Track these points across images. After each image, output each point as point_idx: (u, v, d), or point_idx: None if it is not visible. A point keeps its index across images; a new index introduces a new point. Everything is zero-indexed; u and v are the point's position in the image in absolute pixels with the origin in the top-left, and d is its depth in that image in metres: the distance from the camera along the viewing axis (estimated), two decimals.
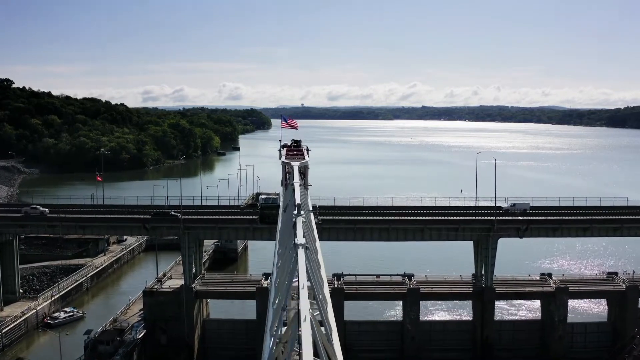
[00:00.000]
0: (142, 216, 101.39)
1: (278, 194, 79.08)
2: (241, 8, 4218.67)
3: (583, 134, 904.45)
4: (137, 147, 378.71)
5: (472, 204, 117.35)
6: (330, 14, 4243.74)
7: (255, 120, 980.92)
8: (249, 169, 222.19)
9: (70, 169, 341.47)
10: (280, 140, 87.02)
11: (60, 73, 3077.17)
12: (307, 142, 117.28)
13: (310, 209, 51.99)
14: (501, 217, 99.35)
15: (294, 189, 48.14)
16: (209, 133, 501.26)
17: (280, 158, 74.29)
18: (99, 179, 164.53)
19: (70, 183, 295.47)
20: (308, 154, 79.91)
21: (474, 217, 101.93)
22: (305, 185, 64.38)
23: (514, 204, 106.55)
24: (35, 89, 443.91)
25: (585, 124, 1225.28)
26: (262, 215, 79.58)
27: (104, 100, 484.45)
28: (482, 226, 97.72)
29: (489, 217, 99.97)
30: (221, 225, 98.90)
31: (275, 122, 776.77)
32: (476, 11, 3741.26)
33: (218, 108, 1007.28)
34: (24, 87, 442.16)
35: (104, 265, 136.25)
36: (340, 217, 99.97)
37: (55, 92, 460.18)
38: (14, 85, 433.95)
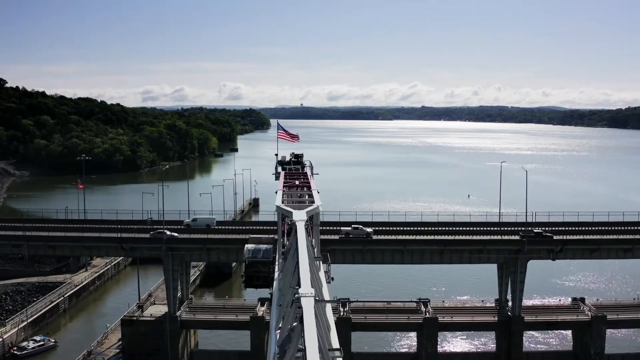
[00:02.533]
0: (119, 234, 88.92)
1: (272, 241, 60.33)
2: (242, 8, 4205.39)
3: (586, 134, 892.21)
4: (132, 148, 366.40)
5: (494, 218, 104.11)
6: (330, 14, 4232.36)
7: (254, 120, 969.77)
8: (247, 172, 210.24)
9: (61, 171, 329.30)
10: (276, 154, 74.16)
11: (59, 73, 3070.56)
12: (307, 143, 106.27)
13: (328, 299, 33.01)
14: (532, 237, 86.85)
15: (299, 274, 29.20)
16: (206, 134, 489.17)
17: (276, 179, 60.86)
18: (80, 186, 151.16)
19: (61, 186, 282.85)
20: (312, 174, 66.72)
21: (500, 237, 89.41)
22: (315, 252, 43.95)
23: (355, 227, 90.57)
24: (34, 88, 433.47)
25: (587, 124, 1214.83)
26: (248, 277, 58.75)
27: (99, 100, 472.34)
28: (510, 247, 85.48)
29: (517, 237, 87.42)
30: (209, 246, 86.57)
31: (275, 122, 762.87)
32: (477, 11, 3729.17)
33: (217, 108, 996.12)
34: (17, 87, 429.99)
35: (84, 283, 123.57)
36: (371, 238, 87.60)
37: (55, 92, 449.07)
38: (7, 85, 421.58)
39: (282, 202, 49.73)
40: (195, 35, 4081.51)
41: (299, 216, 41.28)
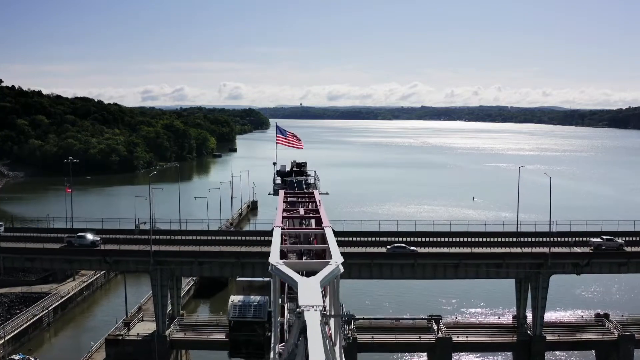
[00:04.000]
0: (103, 246, 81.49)
1: (265, 286, 45.21)
2: (242, 8, 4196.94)
3: (587, 135, 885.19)
4: (128, 149, 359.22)
5: (511, 227, 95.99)
6: (330, 14, 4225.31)
7: (253, 120, 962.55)
8: (245, 174, 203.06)
9: (56, 172, 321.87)
10: (274, 163, 66.01)
11: (59, 72, 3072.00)
12: (306, 143, 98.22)
13: None
14: (556, 250, 79.35)
15: None
16: (205, 134, 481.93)
17: (275, 193, 52.60)
18: (67, 190, 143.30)
19: (54, 188, 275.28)
20: (317, 186, 58.71)
21: (520, 249, 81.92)
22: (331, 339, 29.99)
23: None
24: (29, 87, 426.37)
25: (587, 124, 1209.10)
26: (233, 342, 45.38)
27: (96, 100, 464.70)
28: (532, 261, 78.05)
29: (540, 249, 79.97)
30: (201, 260, 79.05)
31: (274, 122, 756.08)
32: (477, 11, 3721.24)
33: (216, 108, 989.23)
34: (12, 86, 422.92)
35: (71, 294, 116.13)
36: (352, 250, 79.91)
37: (55, 92, 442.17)
38: (2, 84, 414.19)
39: (282, 252, 37.36)
40: (195, 35, 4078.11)
41: (310, 302, 25.41)
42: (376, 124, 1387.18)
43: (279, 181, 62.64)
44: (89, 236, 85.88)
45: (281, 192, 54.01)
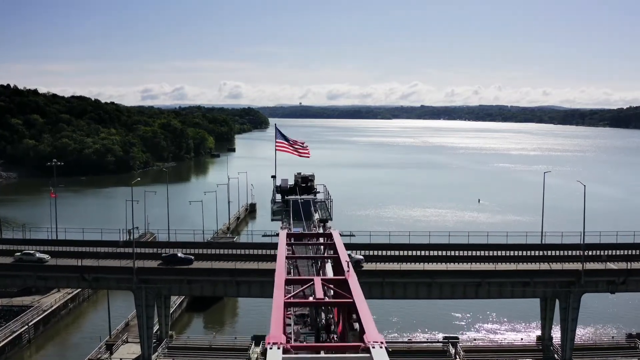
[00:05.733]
0: (80, 262, 73.22)
1: None
2: (242, 7, 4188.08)
3: (589, 134, 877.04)
4: (124, 148, 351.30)
5: (535, 239, 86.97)
6: (330, 13, 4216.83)
7: (252, 119, 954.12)
8: (243, 175, 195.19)
9: (50, 173, 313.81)
10: (273, 177, 56.86)
11: (59, 72, 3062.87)
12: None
13: None
14: (589, 266, 71.15)
15: None
16: (203, 133, 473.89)
17: (272, 215, 42.84)
18: (52, 195, 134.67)
19: (47, 189, 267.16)
20: (329, 206, 49.86)
21: (549, 266, 73.75)
22: None
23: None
24: (25, 86, 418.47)
25: (588, 124, 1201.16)
26: None
27: (93, 99, 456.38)
28: (563, 279, 69.96)
29: (571, 265, 71.81)
30: (191, 278, 70.88)
31: (273, 121, 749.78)
32: (477, 11, 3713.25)
33: (215, 107, 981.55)
34: (7, 85, 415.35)
35: (54, 307, 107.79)
36: (361, 267, 71.77)
37: (54, 91, 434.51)
38: None
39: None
40: (195, 34, 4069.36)
41: None
42: (376, 123, 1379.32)
43: (279, 198, 53.75)
44: (37, 254, 79.51)
45: (282, 235, 39.07)
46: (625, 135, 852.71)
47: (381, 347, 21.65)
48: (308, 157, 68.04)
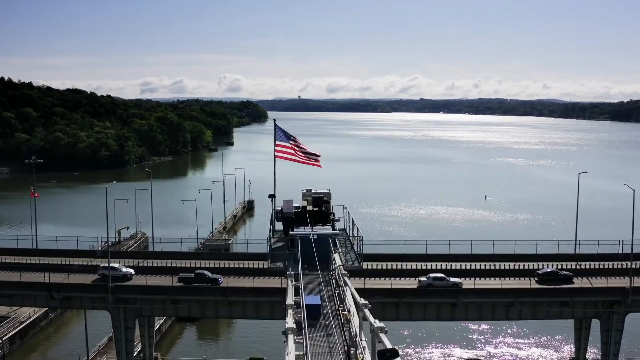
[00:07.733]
0: (48, 278, 63.98)
1: None
2: (241, 0, 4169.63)
3: (591, 128, 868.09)
4: (119, 143, 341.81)
5: (568, 249, 76.58)
6: (330, 6, 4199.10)
7: (251, 112, 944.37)
8: (240, 171, 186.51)
9: (43, 167, 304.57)
10: (271, 197, 45.90)
11: (58, 65, 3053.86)
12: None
13: None
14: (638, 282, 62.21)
15: None
16: (200, 127, 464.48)
17: (269, 261, 31.77)
18: (35, 195, 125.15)
19: (39, 185, 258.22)
20: (354, 244, 39.76)
21: (589, 282, 64.75)
22: None
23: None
24: (33, 81, 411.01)
25: (588, 117, 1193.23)
26: None
27: (89, 92, 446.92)
28: (606, 298, 61.09)
29: (614, 280, 62.91)
30: (175, 297, 61.73)
31: (272, 114, 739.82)
32: (477, 4, 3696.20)
33: (214, 100, 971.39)
34: (2, 78, 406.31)
35: (33, 318, 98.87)
36: (372, 283, 62.67)
37: (54, 84, 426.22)
38: None
39: None
40: (194, 27, 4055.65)
41: None
42: (376, 116, 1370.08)
43: (280, 226, 40.97)
44: None
45: (290, 341, 27.30)
46: (627, 128, 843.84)
47: None
48: (319, 167, 57.56)
